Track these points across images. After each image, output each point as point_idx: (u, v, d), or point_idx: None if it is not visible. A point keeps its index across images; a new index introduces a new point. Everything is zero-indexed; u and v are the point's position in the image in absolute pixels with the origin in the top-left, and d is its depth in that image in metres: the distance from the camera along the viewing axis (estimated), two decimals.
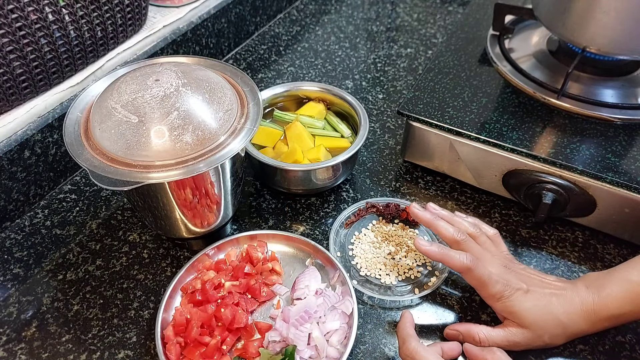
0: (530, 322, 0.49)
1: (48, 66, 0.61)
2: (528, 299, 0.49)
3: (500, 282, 0.49)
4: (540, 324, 0.48)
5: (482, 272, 0.49)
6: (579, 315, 0.49)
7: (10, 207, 0.63)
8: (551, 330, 0.49)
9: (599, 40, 0.61)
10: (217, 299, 0.53)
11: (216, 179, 0.53)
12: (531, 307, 0.48)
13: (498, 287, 0.49)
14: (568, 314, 0.49)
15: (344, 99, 0.69)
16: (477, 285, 0.50)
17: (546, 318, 0.48)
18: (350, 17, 1.01)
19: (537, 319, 0.48)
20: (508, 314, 0.49)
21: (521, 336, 0.49)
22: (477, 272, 0.49)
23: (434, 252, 0.51)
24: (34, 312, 0.55)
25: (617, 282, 0.49)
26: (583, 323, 0.49)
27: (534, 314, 0.48)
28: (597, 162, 0.58)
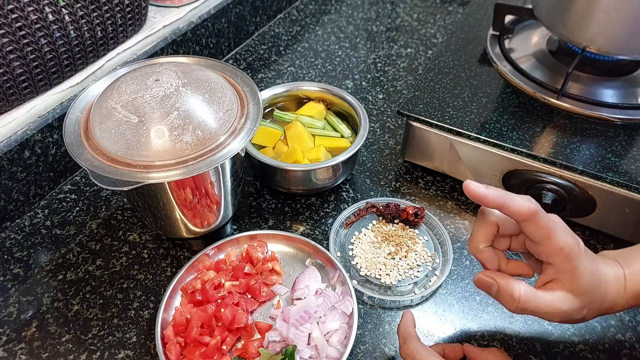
0: (586, 289, 0.43)
1: (48, 66, 0.61)
2: (590, 262, 0.43)
3: (570, 234, 0.43)
4: (591, 294, 0.43)
5: (549, 220, 0.42)
6: (614, 288, 0.44)
7: (10, 207, 0.63)
8: (594, 302, 0.44)
9: (599, 40, 0.61)
10: (217, 299, 0.53)
11: (216, 179, 0.53)
12: (592, 273, 0.43)
13: (569, 240, 0.42)
14: (607, 286, 0.44)
15: (344, 99, 0.69)
16: (542, 235, 0.42)
17: (597, 288, 0.44)
18: (350, 17, 1.01)
19: (591, 288, 0.43)
20: (572, 275, 0.42)
21: (569, 304, 0.43)
22: (544, 219, 0.42)
23: (492, 195, 0.42)
24: (34, 312, 0.55)
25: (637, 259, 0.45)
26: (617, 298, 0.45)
27: (592, 281, 0.43)
28: (597, 162, 0.58)
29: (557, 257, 0.42)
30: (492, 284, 0.44)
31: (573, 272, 0.42)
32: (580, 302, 0.43)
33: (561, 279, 0.43)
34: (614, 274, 0.44)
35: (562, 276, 0.43)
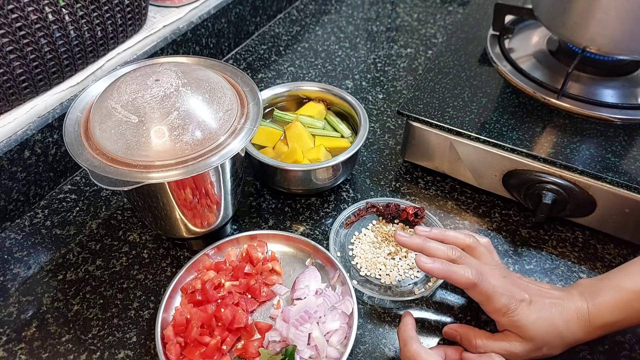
0: (533, 335, 0.48)
1: (48, 66, 0.61)
2: (532, 311, 0.48)
3: (504, 294, 0.48)
4: (543, 337, 0.48)
5: (487, 286, 0.48)
6: (576, 324, 0.48)
7: (10, 207, 0.63)
8: (551, 342, 0.48)
9: (599, 40, 0.61)
10: (217, 299, 0.53)
11: (216, 179, 0.53)
12: (536, 320, 0.48)
13: (503, 301, 0.48)
14: (566, 324, 0.48)
15: (344, 99, 0.69)
16: (483, 299, 0.49)
17: (548, 330, 0.48)
18: (350, 17, 1.01)
19: (541, 332, 0.48)
20: (514, 328, 0.48)
21: (521, 348, 0.48)
22: (482, 287, 0.48)
23: (438, 269, 0.49)
24: (34, 312, 0.55)
25: (609, 290, 0.48)
26: (579, 332, 0.48)
27: (538, 327, 0.48)
28: (597, 162, 0.58)
29: (497, 315, 0.49)
30: (455, 335, 0.52)
31: (517, 325, 0.48)
32: (532, 344, 0.48)
33: (512, 330, 0.49)
34: (575, 310, 0.48)
35: (511, 328, 0.49)
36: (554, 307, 0.49)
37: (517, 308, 0.48)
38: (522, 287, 0.50)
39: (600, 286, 0.49)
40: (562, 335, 0.48)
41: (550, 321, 0.48)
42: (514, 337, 0.48)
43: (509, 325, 0.48)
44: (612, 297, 0.48)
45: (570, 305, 0.49)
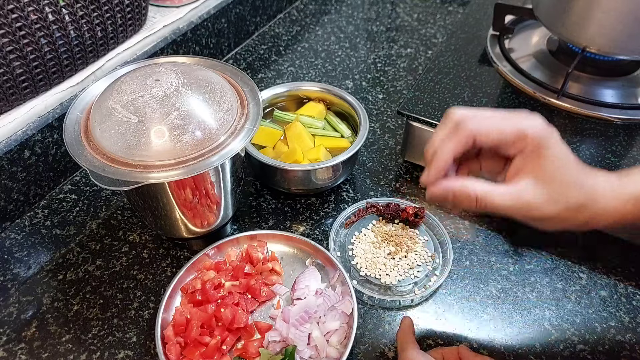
0: (552, 176, 0.38)
1: (48, 66, 0.61)
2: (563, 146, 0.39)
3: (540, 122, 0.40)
4: (563, 181, 0.38)
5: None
6: (606, 187, 0.39)
7: (10, 207, 0.63)
8: (571, 197, 0.38)
9: (599, 40, 0.61)
10: (217, 299, 0.53)
11: (216, 179, 0.53)
12: (563, 159, 0.39)
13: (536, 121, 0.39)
14: (593, 182, 0.39)
15: (344, 99, 0.69)
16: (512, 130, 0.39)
17: (573, 175, 0.39)
18: (350, 17, 1.01)
19: (565, 171, 0.38)
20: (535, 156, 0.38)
21: (532, 193, 0.38)
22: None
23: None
24: (34, 312, 0.55)
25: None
26: (610, 197, 0.39)
27: (564, 162, 0.39)
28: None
29: (525, 141, 0.39)
30: (447, 192, 0.40)
31: (539, 154, 0.38)
32: (548, 191, 0.38)
33: (526, 166, 0.39)
34: (605, 177, 0.40)
35: (528, 162, 0.39)
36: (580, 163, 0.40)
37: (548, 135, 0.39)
38: None
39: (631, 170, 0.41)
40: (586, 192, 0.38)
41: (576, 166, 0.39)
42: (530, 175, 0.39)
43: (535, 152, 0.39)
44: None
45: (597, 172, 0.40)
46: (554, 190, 0.38)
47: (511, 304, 0.56)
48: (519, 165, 0.40)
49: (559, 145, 0.39)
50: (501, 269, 0.59)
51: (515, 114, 0.40)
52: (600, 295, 0.57)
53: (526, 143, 0.39)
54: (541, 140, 0.38)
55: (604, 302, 0.56)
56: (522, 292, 0.57)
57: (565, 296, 0.57)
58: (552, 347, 0.52)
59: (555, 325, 0.54)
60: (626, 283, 0.58)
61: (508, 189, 0.39)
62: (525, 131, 0.39)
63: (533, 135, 0.39)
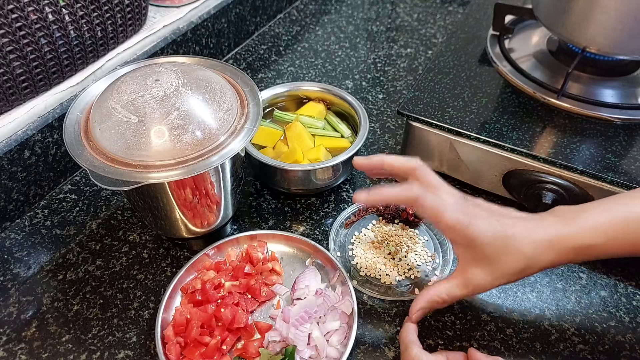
0: (490, 256, 0.43)
1: (48, 66, 0.61)
2: (489, 224, 0.43)
3: (458, 210, 0.44)
4: (502, 254, 0.43)
5: (435, 199, 0.44)
6: (546, 245, 0.43)
7: (10, 207, 0.63)
8: (514, 265, 0.43)
9: (599, 40, 0.61)
10: (217, 299, 0.53)
11: (216, 179, 0.53)
12: (492, 233, 0.43)
13: (454, 215, 0.44)
14: (533, 242, 0.43)
15: (344, 99, 0.69)
16: (433, 215, 0.44)
17: (508, 245, 0.43)
18: (350, 17, 1.01)
19: (499, 247, 0.43)
20: (466, 242, 0.44)
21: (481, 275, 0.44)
22: (429, 200, 0.44)
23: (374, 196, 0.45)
24: (34, 312, 0.55)
25: (593, 215, 0.44)
26: (550, 253, 0.43)
27: (495, 240, 0.43)
28: (597, 162, 0.58)
29: (450, 232, 0.45)
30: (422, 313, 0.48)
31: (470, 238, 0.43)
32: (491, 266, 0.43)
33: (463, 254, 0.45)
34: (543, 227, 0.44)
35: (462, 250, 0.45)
36: (516, 224, 0.44)
37: (470, 221, 0.43)
38: (482, 206, 0.46)
39: (582, 210, 0.44)
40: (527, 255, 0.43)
41: (511, 235, 0.43)
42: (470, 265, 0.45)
43: (461, 238, 0.44)
44: (598, 219, 0.43)
45: (539, 223, 0.44)
46: (496, 267, 0.44)
47: (511, 304, 0.56)
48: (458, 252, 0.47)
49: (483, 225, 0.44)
50: None
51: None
52: (600, 295, 0.57)
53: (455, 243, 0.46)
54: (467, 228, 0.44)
55: (604, 302, 0.56)
56: (522, 292, 0.57)
57: (565, 296, 0.57)
58: (552, 347, 0.52)
59: (555, 325, 0.54)
60: (626, 283, 0.58)
61: (460, 281, 0.46)
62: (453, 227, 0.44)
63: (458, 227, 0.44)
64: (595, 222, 0.43)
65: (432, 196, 0.45)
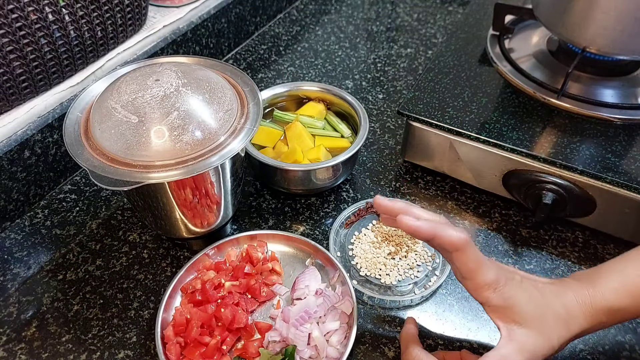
0: (532, 317, 0.42)
1: (48, 66, 0.61)
2: (524, 287, 0.43)
3: (494, 268, 0.42)
4: (543, 319, 0.42)
5: (477, 253, 0.42)
6: (576, 308, 0.43)
7: (10, 207, 0.63)
8: (555, 327, 0.42)
9: (599, 40, 0.61)
10: (217, 299, 0.53)
11: (216, 179, 0.53)
12: (529, 298, 0.42)
13: (492, 273, 0.42)
14: (565, 307, 0.43)
15: (344, 99, 0.69)
16: (470, 269, 0.42)
17: (546, 311, 0.42)
18: (350, 17, 1.01)
19: (539, 312, 0.42)
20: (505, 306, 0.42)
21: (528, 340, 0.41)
22: (473, 252, 0.42)
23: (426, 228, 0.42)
24: (34, 312, 0.55)
25: (611, 276, 0.44)
26: (582, 317, 0.43)
27: (534, 306, 0.42)
28: (597, 162, 0.58)
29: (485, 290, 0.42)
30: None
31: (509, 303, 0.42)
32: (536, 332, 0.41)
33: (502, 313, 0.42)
34: (573, 294, 0.43)
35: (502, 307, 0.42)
36: (547, 288, 0.43)
37: (507, 283, 0.42)
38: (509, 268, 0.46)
39: (599, 273, 0.45)
40: (564, 319, 0.42)
41: (546, 302, 0.42)
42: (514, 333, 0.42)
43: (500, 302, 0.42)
44: (615, 281, 0.43)
45: (567, 289, 0.44)
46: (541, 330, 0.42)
47: None
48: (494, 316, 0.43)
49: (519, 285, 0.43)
50: None
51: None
52: None
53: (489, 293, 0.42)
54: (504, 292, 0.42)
55: None
56: None
57: None
58: None
59: None
60: None
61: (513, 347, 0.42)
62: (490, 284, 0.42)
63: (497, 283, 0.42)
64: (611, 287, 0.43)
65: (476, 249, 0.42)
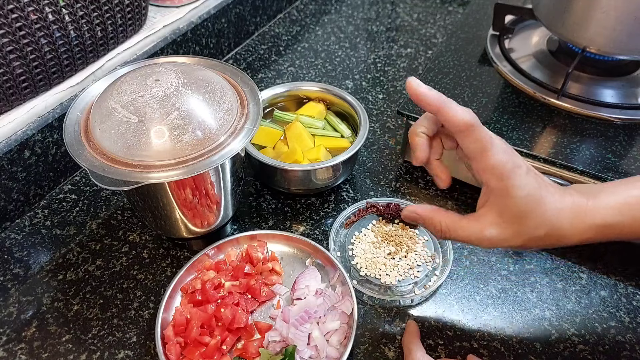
0: (519, 212, 0.41)
1: (48, 66, 0.61)
2: (527, 183, 0.41)
3: (503, 151, 0.41)
4: (528, 218, 0.41)
5: (485, 133, 0.40)
6: (567, 214, 0.41)
7: (10, 207, 0.63)
8: (534, 230, 0.41)
9: (599, 40, 0.61)
10: (217, 299, 0.53)
11: (216, 179, 0.53)
12: (528, 193, 0.40)
13: (500, 156, 0.40)
14: (557, 211, 0.41)
15: (344, 99, 0.69)
16: (477, 149, 0.41)
17: (537, 211, 0.41)
18: (350, 17, 1.01)
19: (528, 210, 0.41)
20: (499, 194, 0.41)
21: (496, 232, 0.41)
22: (480, 131, 0.40)
23: (433, 98, 0.41)
24: (34, 312, 0.55)
25: (612, 192, 0.42)
26: (568, 222, 0.41)
27: (528, 202, 0.41)
28: (597, 162, 0.58)
29: (489, 175, 0.41)
30: (416, 218, 0.45)
31: (504, 193, 0.40)
32: (512, 228, 0.41)
33: (491, 200, 0.41)
34: (570, 201, 0.42)
35: (493, 197, 0.41)
36: (549, 189, 0.42)
37: (512, 171, 0.40)
38: (518, 157, 0.43)
39: (601, 188, 0.43)
40: (550, 223, 0.41)
41: (543, 201, 0.41)
42: (494, 212, 0.41)
43: (500, 189, 0.41)
44: (615, 198, 0.42)
45: (566, 194, 0.42)
46: (519, 227, 0.41)
47: (511, 304, 0.56)
48: (486, 194, 0.42)
49: (524, 180, 0.41)
50: (501, 269, 0.59)
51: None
52: (600, 295, 0.57)
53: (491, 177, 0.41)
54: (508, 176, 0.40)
55: (604, 302, 0.56)
56: (522, 292, 0.57)
57: (565, 296, 0.57)
58: (552, 347, 0.52)
59: (555, 326, 0.54)
60: (626, 283, 0.58)
61: (472, 225, 0.42)
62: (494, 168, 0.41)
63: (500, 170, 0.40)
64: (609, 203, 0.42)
65: (484, 129, 0.41)
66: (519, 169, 0.41)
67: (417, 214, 0.45)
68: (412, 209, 0.46)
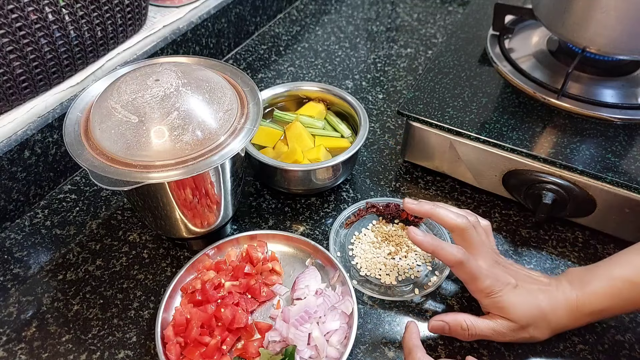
0: (517, 316, 0.49)
1: (48, 66, 0.61)
2: (517, 294, 0.49)
3: (490, 277, 0.49)
4: (527, 318, 0.49)
5: (473, 266, 0.49)
6: (563, 310, 0.49)
7: (10, 207, 0.63)
8: (536, 324, 0.49)
9: (599, 40, 0.61)
10: (217, 299, 0.53)
11: (216, 179, 0.53)
12: (519, 303, 0.49)
13: (488, 282, 0.49)
14: (553, 310, 0.49)
15: (344, 99, 0.69)
16: (467, 279, 0.50)
17: (533, 313, 0.49)
18: (350, 17, 1.01)
19: (525, 314, 0.49)
20: (496, 309, 0.49)
21: (507, 328, 0.49)
22: (468, 267, 0.49)
23: (427, 243, 0.49)
24: (34, 312, 0.55)
25: (598, 279, 0.49)
26: (566, 318, 0.49)
27: (521, 309, 0.49)
28: (597, 162, 0.58)
29: (480, 295, 0.50)
30: (444, 325, 0.51)
31: (499, 307, 0.49)
32: (517, 325, 0.49)
33: (494, 312, 0.50)
34: (564, 298, 0.49)
35: (494, 310, 0.50)
36: (541, 293, 0.50)
37: (500, 290, 0.49)
38: (510, 272, 0.51)
39: (589, 275, 0.50)
40: (548, 319, 0.49)
41: (535, 305, 0.49)
42: (499, 317, 0.50)
43: (492, 306, 0.50)
44: (601, 285, 0.49)
45: (559, 293, 0.50)
46: (521, 324, 0.49)
47: None
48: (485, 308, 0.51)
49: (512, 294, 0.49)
50: None
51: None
52: None
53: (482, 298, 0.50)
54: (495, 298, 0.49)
55: None
56: None
57: None
58: (552, 347, 0.52)
59: None
60: None
61: (487, 323, 0.50)
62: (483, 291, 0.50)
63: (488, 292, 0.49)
64: (596, 291, 0.49)
65: (473, 262, 0.49)
66: (507, 287, 0.49)
67: (444, 320, 0.51)
68: (438, 318, 0.51)
